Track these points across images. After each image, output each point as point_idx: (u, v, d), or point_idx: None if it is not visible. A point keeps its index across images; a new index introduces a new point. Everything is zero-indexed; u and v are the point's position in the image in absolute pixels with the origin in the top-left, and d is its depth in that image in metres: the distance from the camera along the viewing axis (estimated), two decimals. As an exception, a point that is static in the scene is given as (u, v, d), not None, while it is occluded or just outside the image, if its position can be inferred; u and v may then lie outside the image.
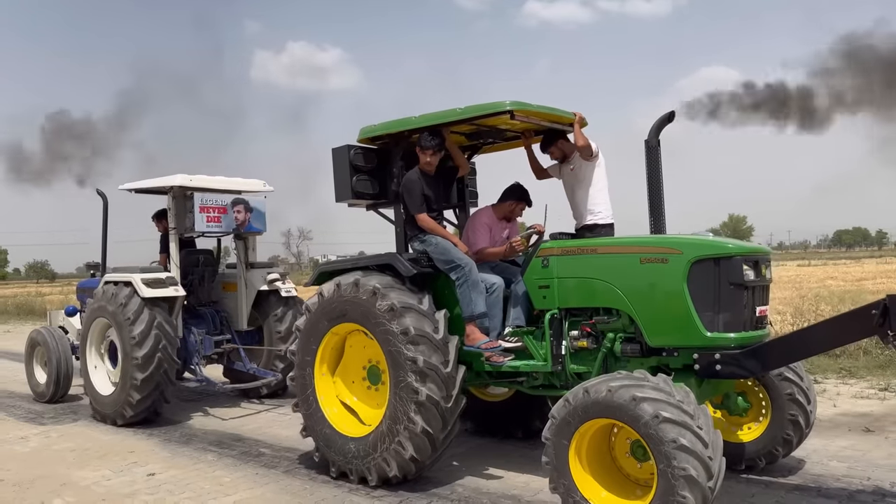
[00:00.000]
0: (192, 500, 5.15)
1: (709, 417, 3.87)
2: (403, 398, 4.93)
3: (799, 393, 5.02)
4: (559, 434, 4.08)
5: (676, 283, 4.41)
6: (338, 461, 5.37)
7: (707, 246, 4.44)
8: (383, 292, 5.06)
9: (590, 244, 4.97)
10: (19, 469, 6.11)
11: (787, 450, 5.12)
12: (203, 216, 7.89)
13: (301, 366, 5.60)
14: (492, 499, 4.92)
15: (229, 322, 8.66)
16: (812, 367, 9.17)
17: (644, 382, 3.92)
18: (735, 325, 4.37)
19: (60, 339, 8.86)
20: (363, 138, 5.69)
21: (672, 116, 4.94)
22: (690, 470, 3.59)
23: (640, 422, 3.76)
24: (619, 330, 4.77)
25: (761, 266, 4.53)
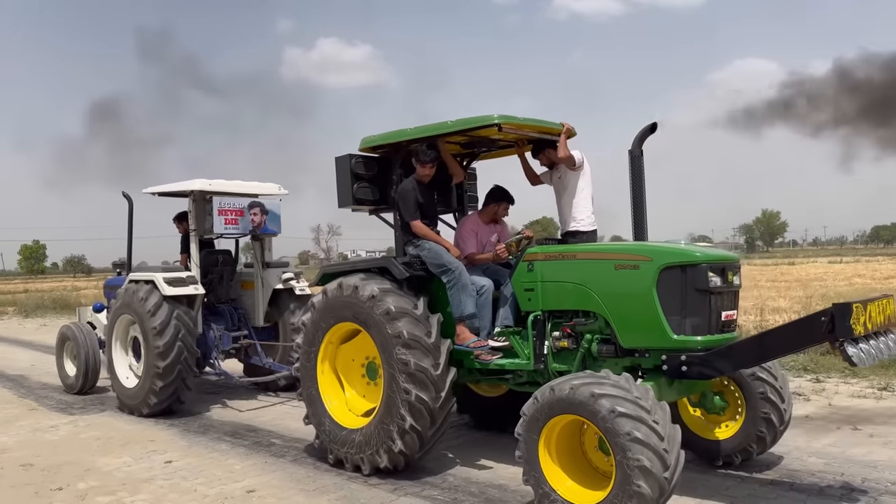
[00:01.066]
0: (204, 486, 5.54)
1: (667, 413, 4.12)
2: (395, 397, 5.27)
3: (772, 392, 5.23)
4: (529, 429, 4.39)
5: (646, 289, 4.68)
6: (335, 449, 5.74)
7: (675, 254, 4.70)
8: (381, 297, 5.40)
9: (570, 250, 5.27)
10: (48, 455, 6.57)
11: (761, 447, 5.34)
12: (221, 219, 8.30)
13: (305, 359, 5.97)
14: (480, 488, 5.24)
15: (247, 319, 9.08)
16: (816, 366, 9.32)
17: (604, 380, 4.21)
18: (701, 328, 4.62)
19: (89, 334, 9.37)
20: (364, 147, 6.04)
21: (654, 127, 5.16)
22: (644, 461, 3.86)
23: (598, 416, 4.05)
24: (596, 331, 5.05)
25: (728, 273, 4.77)
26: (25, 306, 28.96)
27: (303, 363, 6.01)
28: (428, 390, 5.20)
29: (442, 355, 5.28)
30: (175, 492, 5.41)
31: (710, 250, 4.92)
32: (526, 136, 5.85)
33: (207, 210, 8.30)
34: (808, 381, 8.62)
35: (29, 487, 5.61)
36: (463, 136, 5.88)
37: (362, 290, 5.52)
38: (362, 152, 6.10)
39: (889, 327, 4.52)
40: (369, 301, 5.45)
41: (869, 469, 5.31)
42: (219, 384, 9.76)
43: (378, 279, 5.59)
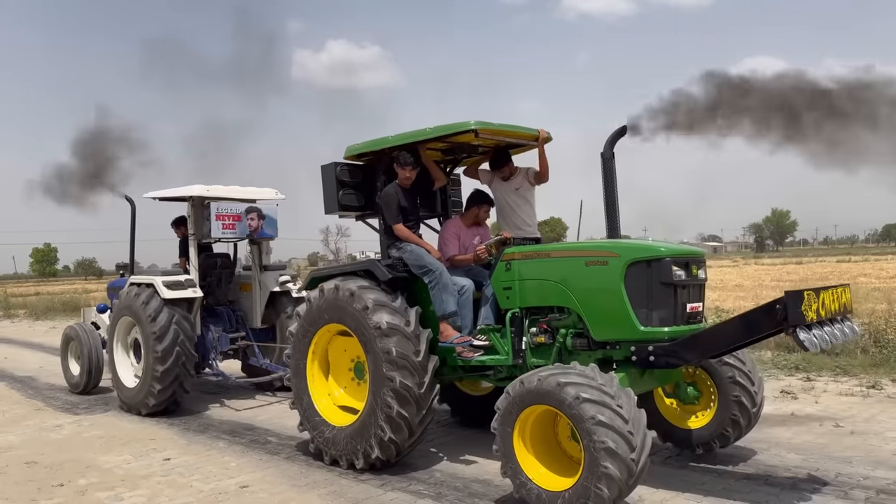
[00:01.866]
0: (199, 482, 5.73)
1: (631, 398, 4.28)
2: (380, 386, 5.45)
3: (740, 375, 5.41)
4: (504, 423, 4.57)
5: (615, 283, 4.88)
6: (329, 449, 5.91)
7: (641, 249, 4.91)
8: (359, 293, 5.60)
9: (545, 249, 5.49)
10: (52, 453, 6.78)
11: (737, 431, 5.49)
12: (219, 223, 8.50)
13: (296, 366, 6.17)
14: (465, 482, 5.41)
15: (245, 320, 9.29)
16: (808, 365, 9.43)
17: (570, 370, 4.41)
18: (667, 320, 4.82)
19: (92, 334, 9.60)
20: (349, 156, 6.26)
21: (624, 131, 5.30)
22: (609, 443, 4.03)
23: (564, 403, 4.23)
24: (569, 326, 5.25)
25: (692, 267, 4.97)
26: (36, 309, 29.35)
27: (293, 371, 6.21)
28: (412, 376, 5.38)
29: (422, 343, 5.48)
30: (171, 487, 5.61)
31: (675, 245, 5.09)
32: (503, 141, 6.04)
33: (205, 215, 8.51)
34: (798, 380, 8.73)
35: (32, 484, 5.82)
36: (443, 143, 6.08)
37: (342, 290, 5.72)
38: (347, 160, 6.31)
39: (845, 315, 4.68)
40: (349, 299, 5.65)
41: (844, 464, 5.44)
42: (217, 384, 9.97)
43: (361, 280, 5.78)
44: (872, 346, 9.85)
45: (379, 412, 5.46)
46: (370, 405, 5.56)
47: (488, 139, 5.85)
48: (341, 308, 5.74)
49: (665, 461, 5.72)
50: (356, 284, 5.69)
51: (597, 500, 4.09)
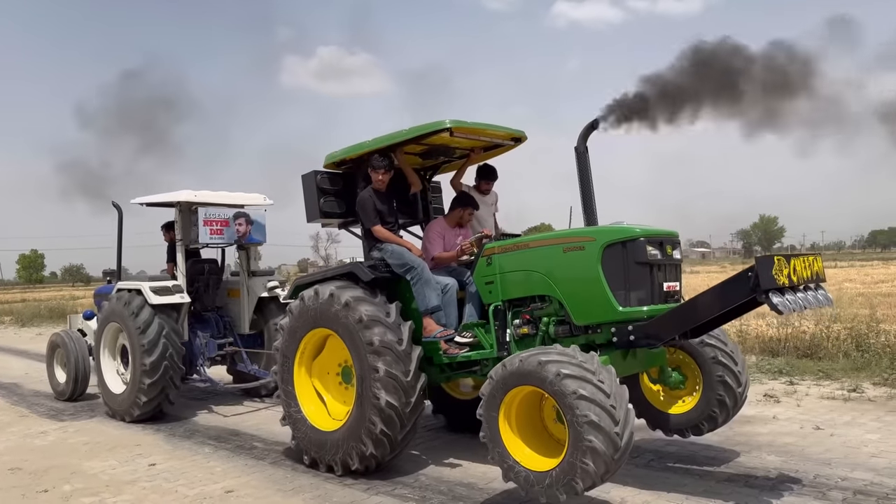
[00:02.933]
0: (185, 487, 5.74)
1: (612, 374, 4.34)
2: (367, 379, 5.48)
3: (722, 355, 5.51)
4: (489, 408, 4.63)
5: (592, 266, 4.98)
6: (311, 451, 5.95)
7: (616, 231, 5.00)
8: (338, 293, 5.68)
9: (523, 240, 5.59)
10: (36, 459, 6.77)
11: (724, 412, 5.56)
12: (206, 229, 8.52)
13: (283, 362, 6.19)
14: (449, 486, 5.45)
15: (233, 326, 9.30)
16: (792, 369, 9.53)
17: (550, 350, 4.49)
18: (645, 299, 4.93)
19: (78, 341, 9.57)
20: (328, 163, 6.35)
21: (596, 124, 5.37)
22: (592, 416, 4.09)
23: (546, 381, 4.30)
24: (551, 314, 5.34)
25: (667, 246, 5.08)
26: (22, 315, 29.15)
27: (281, 366, 6.23)
28: (397, 364, 5.41)
29: (404, 332, 5.52)
30: (157, 493, 5.61)
31: (649, 226, 5.15)
32: (477, 140, 6.12)
33: (193, 220, 8.52)
34: (781, 384, 8.82)
35: (16, 490, 5.81)
36: (421, 146, 6.18)
37: (323, 293, 5.79)
38: (327, 168, 6.38)
39: (818, 282, 4.76)
40: (330, 300, 5.71)
41: (823, 466, 5.52)
42: (205, 390, 9.93)
43: (341, 282, 5.83)
44: (854, 350, 9.98)
45: (368, 407, 5.47)
46: (359, 403, 5.58)
47: (465, 139, 5.94)
48: (323, 311, 5.79)
49: (648, 463, 5.79)
50: (336, 286, 5.76)
51: (583, 476, 4.13)
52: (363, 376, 5.51)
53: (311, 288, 5.97)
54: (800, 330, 10.90)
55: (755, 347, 10.93)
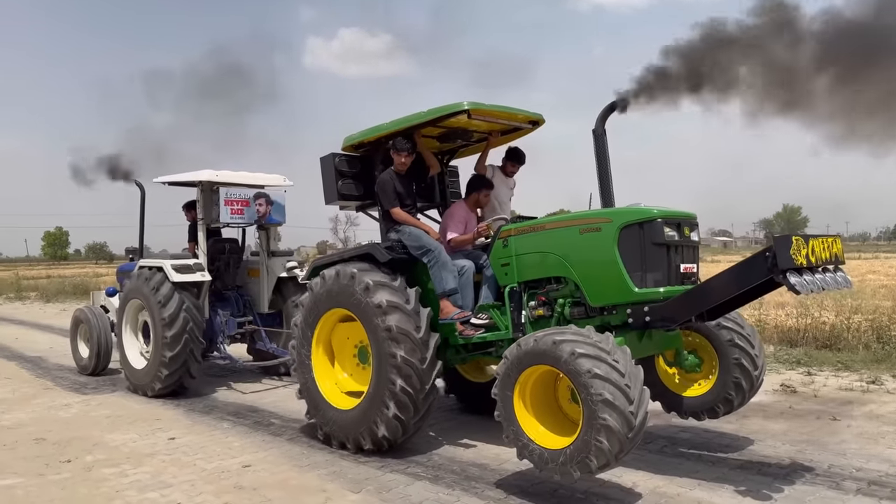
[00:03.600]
0: (203, 461, 5.85)
1: (627, 354, 4.34)
2: (384, 363, 5.53)
3: (739, 338, 5.47)
4: (503, 387, 4.66)
5: (609, 248, 4.96)
6: (325, 427, 6.04)
7: (633, 213, 4.98)
8: (359, 276, 5.72)
9: (539, 222, 5.58)
10: (60, 430, 6.93)
11: (740, 395, 5.53)
12: (227, 208, 8.61)
13: (301, 338, 6.26)
14: (462, 466, 5.51)
15: (252, 305, 9.41)
16: (810, 360, 9.46)
17: (565, 330, 4.49)
18: (661, 281, 4.90)
19: (101, 317, 9.75)
20: (346, 146, 6.37)
21: (615, 106, 5.32)
22: (607, 395, 4.10)
23: (560, 360, 4.31)
24: (567, 296, 5.35)
25: (684, 228, 5.04)
26: (47, 291, 29.65)
27: (299, 342, 6.30)
28: (413, 351, 5.45)
29: (423, 320, 5.56)
30: (175, 465, 5.73)
31: (666, 208, 5.11)
32: (496, 122, 6.11)
33: (214, 200, 8.61)
34: (799, 374, 8.76)
35: (40, 459, 5.95)
36: (438, 129, 6.18)
37: (343, 274, 5.83)
38: (345, 151, 6.40)
39: (837, 264, 4.70)
40: (350, 282, 5.75)
41: (838, 457, 5.50)
42: (224, 367, 10.10)
43: (361, 264, 5.88)
44: (875, 342, 9.88)
45: (383, 391, 5.53)
46: (374, 385, 5.64)
47: (483, 122, 5.93)
48: (342, 292, 5.83)
49: (661, 449, 5.80)
50: (356, 267, 5.80)
51: (597, 454, 4.15)
52: (380, 360, 5.56)
53: (332, 268, 6.01)
54: (819, 321, 10.80)
55: (773, 337, 10.86)
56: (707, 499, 4.68)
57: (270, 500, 4.89)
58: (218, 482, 5.28)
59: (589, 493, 4.80)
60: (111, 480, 5.37)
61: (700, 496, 4.73)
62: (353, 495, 4.93)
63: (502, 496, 4.83)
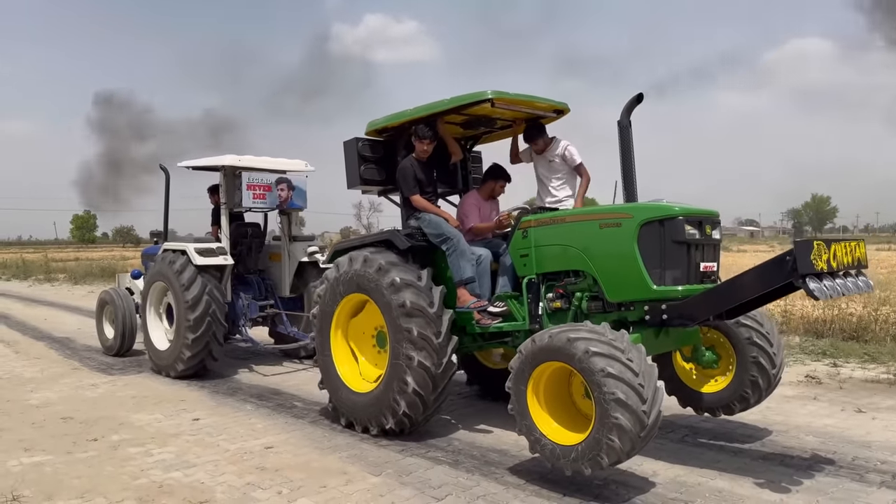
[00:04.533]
0: (227, 441, 5.93)
1: (642, 353, 4.32)
2: (400, 341, 5.56)
3: (758, 336, 5.40)
4: (517, 381, 4.67)
5: (628, 244, 4.92)
6: (346, 412, 6.09)
7: (654, 209, 4.92)
8: (372, 258, 5.75)
9: (559, 215, 5.56)
10: (87, 410, 7.06)
11: (757, 393, 5.49)
12: (250, 193, 8.67)
13: (320, 328, 6.31)
14: (481, 452, 5.53)
15: (274, 289, 9.49)
16: (836, 351, 9.34)
17: (580, 327, 4.47)
18: (680, 279, 4.85)
19: (126, 299, 9.89)
20: (370, 131, 6.38)
21: (641, 98, 5.28)
22: (619, 394, 4.09)
23: (574, 358, 4.30)
24: (584, 290, 5.32)
25: (706, 226, 4.97)
26: (75, 273, 30.17)
27: (318, 332, 6.35)
28: (428, 326, 5.48)
29: (435, 296, 5.57)
30: (199, 446, 5.81)
31: (688, 205, 5.05)
32: (519, 111, 6.06)
33: (237, 185, 8.67)
34: (824, 366, 8.65)
35: (67, 437, 6.08)
36: (461, 116, 6.14)
37: (370, 263, 5.84)
38: (368, 136, 6.40)
39: (859, 268, 4.62)
40: (364, 265, 5.79)
41: (862, 449, 5.43)
42: (246, 350, 10.18)
43: (385, 253, 5.88)
44: (904, 335, 9.72)
45: (401, 367, 5.55)
46: (392, 363, 5.67)
47: (506, 110, 5.89)
48: (358, 276, 5.88)
49: (682, 438, 5.77)
50: (370, 251, 5.85)
51: (608, 452, 4.16)
52: (396, 338, 5.59)
53: (347, 254, 6.05)
54: (847, 312, 10.64)
55: (799, 328, 10.72)
56: (728, 489, 4.65)
57: (292, 480, 4.94)
58: (241, 463, 5.35)
59: (609, 481, 4.79)
60: (136, 459, 5.46)
61: (721, 486, 4.70)
62: (373, 478, 4.98)
63: (521, 482, 4.84)
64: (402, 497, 4.62)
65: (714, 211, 5.21)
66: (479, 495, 4.62)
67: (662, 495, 4.55)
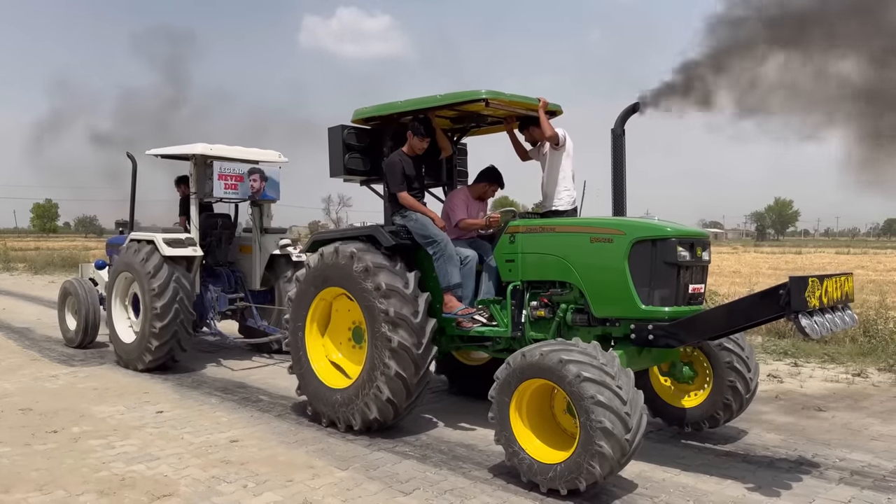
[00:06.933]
0: (191, 434, 5.85)
1: (630, 379, 4.35)
2: (379, 346, 5.51)
3: (738, 361, 5.47)
4: (501, 392, 4.65)
5: (619, 261, 4.91)
6: (327, 412, 5.99)
7: (647, 228, 4.92)
8: (359, 255, 5.66)
9: (550, 223, 5.51)
10: (47, 401, 6.90)
11: (728, 414, 5.57)
12: (221, 183, 8.55)
13: (294, 331, 6.23)
14: (449, 446, 5.53)
15: (244, 282, 9.37)
16: (797, 351, 9.53)
17: (573, 347, 4.44)
18: (668, 300, 4.85)
19: (90, 290, 9.68)
20: (356, 119, 6.24)
21: (636, 107, 5.30)
22: (606, 423, 4.11)
23: (565, 380, 4.29)
24: (570, 302, 5.29)
25: (697, 248, 4.99)
26: (35, 263, 29.47)
27: (291, 336, 6.27)
28: (410, 336, 5.43)
29: (421, 305, 5.51)
30: (163, 439, 5.72)
31: (681, 226, 5.09)
32: (513, 112, 6.03)
33: (208, 174, 8.54)
34: (786, 365, 8.83)
35: (26, 429, 5.94)
36: (452, 111, 6.08)
37: (342, 253, 5.78)
38: (355, 124, 6.30)
39: (846, 303, 4.71)
40: (349, 261, 5.70)
41: (822, 446, 5.55)
42: (214, 344, 10.08)
43: (362, 244, 5.81)
44: (862, 335, 9.94)
45: (377, 373, 5.52)
46: (369, 366, 5.63)
47: (498, 109, 5.85)
48: (341, 271, 5.79)
49: (646, 435, 5.79)
50: (356, 247, 5.74)
51: (588, 477, 4.20)
52: (375, 343, 5.54)
53: (331, 245, 5.94)
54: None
55: (762, 328, 10.90)
56: (692, 484, 4.72)
57: (258, 474, 4.89)
58: (206, 456, 5.28)
59: (575, 476, 4.81)
60: (98, 452, 5.36)
61: (685, 482, 4.77)
62: (340, 472, 4.95)
63: (488, 476, 4.86)
64: (369, 491, 4.60)
65: (705, 233, 5.27)
66: (446, 489, 4.62)
67: (627, 490, 4.60)
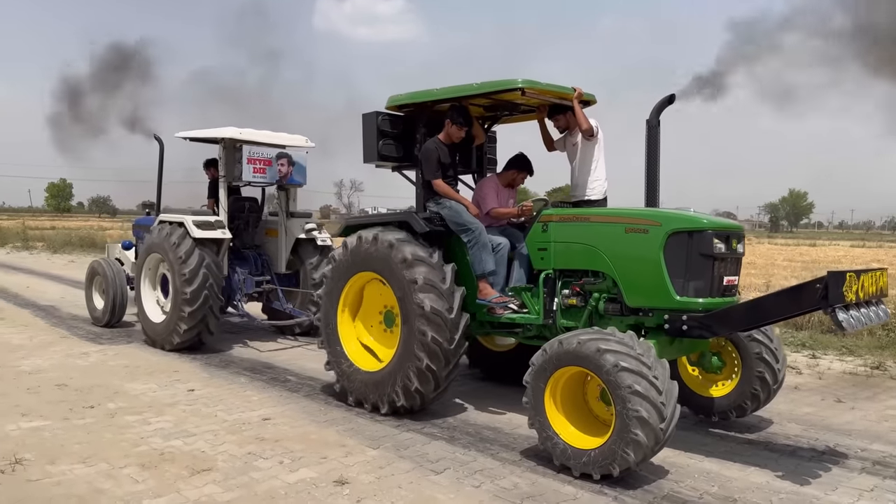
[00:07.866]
0: (223, 412, 6.01)
1: (666, 369, 4.44)
2: (412, 339, 5.61)
3: (767, 353, 5.55)
4: (537, 378, 4.76)
5: (654, 252, 4.98)
6: (355, 391, 6.13)
7: (683, 220, 4.99)
8: (398, 246, 5.74)
9: (584, 213, 5.60)
10: (80, 378, 7.09)
11: (755, 404, 5.66)
12: (250, 167, 8.66)
13: (326, 308, 6.36)
14: (476, 429, 5.66)
15: (270, 265, 9.51)
16: (815, 343, 9.59)
17: (610, 337, 4.53)
18: (703, 291, 4.93)
19: (117, 270, 9.86)
20: (390, 106, 6.32)
21: (672, 99, 5.35)
22: (643, 412, 4.21)
23: (602, 370, 4.39)
24: (603, 291, 5.37)
25: (732, 240, 5.06)
26: (54, 242, 29.80)
27: (324, 313, 6.38)
28: (443, 332, 5.53)
29: (456, 300, 5.61)
30: (197, 416, 5.88)
31: (716, 219, 5.15)
32: (547, 101, 6.09)
33: (237, 158, 8.65)
34: (804, 357, 8.89)
35: (64, 404, 6.11)
36: (487, 99, 6.15)
37: (381, 241, 5.87)
38: (389, 110, 6.39)
39: (880, 298, 4.78)
40: (388, 250, 5.78)
41: (843, 436, 5.64)
42: (240, 325, 10.26)
43: (399, 233, 5.89)
44: (880, 328, 9.97)
45: (409, 364, 5.63)
46: (400, 356, 5.73)
47: (532, 98, 5.91)
48: (378, 258, 5.86)
49: (670, 422, 5.93)
50: (395, 236, 5.80)
51: (622, 463, 4.32)
52: (408, 334, 5.64)
53: (369, 231, 6.02)
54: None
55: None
56: (716, 470, 4.83)
57: (292, 451, 5.04)
58: (240, 433, 5.44)
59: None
60: (135, 427, 5.53)
61: (709, 468, 4.88)
62: (371, 451, 5.09)
63: (517, 458, 4.98)
64: (402, 469, 4.74)
65: (740, 226, 5.32)
66: (476, 470, 4.75)
67: (653, 474, 4.71)
